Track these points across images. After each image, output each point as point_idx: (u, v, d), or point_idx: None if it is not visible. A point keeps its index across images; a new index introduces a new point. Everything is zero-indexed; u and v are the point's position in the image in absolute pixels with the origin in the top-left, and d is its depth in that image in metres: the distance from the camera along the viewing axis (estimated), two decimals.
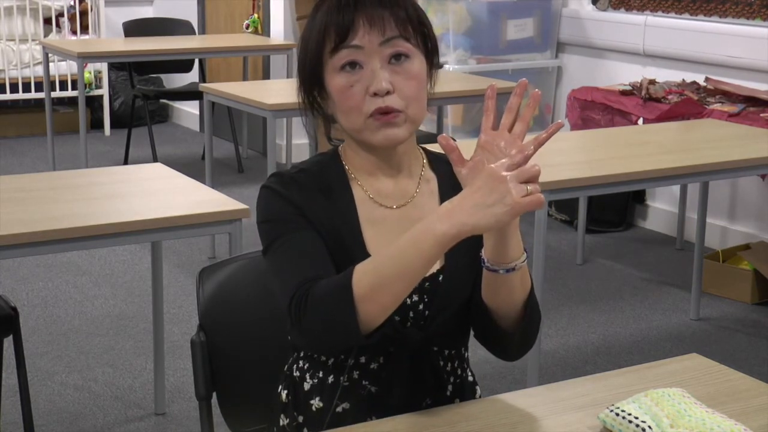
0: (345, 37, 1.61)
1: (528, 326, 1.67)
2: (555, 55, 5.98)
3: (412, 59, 1.64)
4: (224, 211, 2.75)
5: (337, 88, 1.64)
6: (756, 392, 1.70)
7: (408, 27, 1.64)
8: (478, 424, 1.56)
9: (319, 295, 1.54)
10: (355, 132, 1.66)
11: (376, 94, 1.61)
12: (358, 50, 1.61)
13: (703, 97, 4.78)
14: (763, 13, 4.94)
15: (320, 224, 1.65)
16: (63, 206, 2.74)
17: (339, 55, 1.62)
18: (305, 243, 1.62)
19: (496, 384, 3.48)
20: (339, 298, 1.52)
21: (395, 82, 1.62)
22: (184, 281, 4.50)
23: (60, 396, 3.46)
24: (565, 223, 5.47)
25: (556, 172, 3.13)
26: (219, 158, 6.59)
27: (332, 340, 1.58)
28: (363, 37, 1.61)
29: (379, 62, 1.62)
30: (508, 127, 1.56)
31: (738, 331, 4.14)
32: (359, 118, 1.64)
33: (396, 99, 1.62)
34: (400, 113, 1.63)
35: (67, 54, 5.79)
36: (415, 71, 1.64)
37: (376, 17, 1.61)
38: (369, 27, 1.61)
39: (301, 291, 1.56)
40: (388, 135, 1.64)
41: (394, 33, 1.62)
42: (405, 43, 1.63)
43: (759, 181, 4.84)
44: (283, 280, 1.60)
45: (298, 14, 6.53)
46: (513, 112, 1.56)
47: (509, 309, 1.64)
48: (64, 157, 6.46)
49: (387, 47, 1.62)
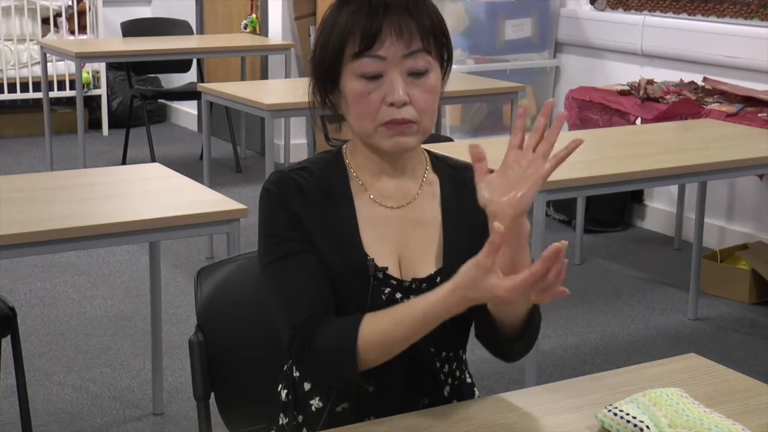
0: (370, 45, 1.60)
1: (529, 331, 1.67)
2: (553, 55, 5.98)
3: (430, 72, 1.64)
4: (222, 211, 2.75)
5: (354, 93, 1.63)
6: (754, 392, 1.70)
7: (431, 39, 1.63)
8: (476, 424, 1.57)
9: (322, 348, 1.59)
10: (365, 136, 1.66)
11: (392, 105, 1.61)
12: (381, 61, 1.60)
13: (701, 97, 4.79)
14: (761, 12, 4.94)
15: (318, 227, 1.65)
16: (61, 206, 2.74)
17: (361, 62, 1.61)
18: (305, 271, 1.63)
19: (494, 384, 3.48)
20: (342, 355, 1.58)
21: (412, 93, 1.62)
22: (182, 281, 4.49)
23: (58, 396, 3.46)
24: (563, 223, 5.47)
25: (555, 172, 3.12)
26: (217, 158, 6.59)
27: (331, 381, 1.66)
28: (389, 48, 1.60)
29: (400, 74, 1.61)
30: (533, 146, 1.56)
31: (736, 331, 4.14)
32: (371, 124, 1.64)
33: (411, 110, 1.62)
34: (413, 124, 1.63)
35: (65, 54, 5.79)
36: (432, 84, 1.64)
37: (403, 27, 1.60)
38: (395, 38, 1.60)
39: (302, 337, 1.59)
40: (399, 143, 1.64)
41: (418, 46, 1.61)
42: (427, 56, 1.63)
43: (757, 181, 4.85)
44: (284, 314, 1.64)
45: (296, 14, 6.53)
46: (539, 133, 1.56)
47: (513, 319, 1.64)
48: (62, 157, 6.45)
49: (409, 60, 1.61)
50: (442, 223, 1.71)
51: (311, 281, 1.63)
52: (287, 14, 6.61)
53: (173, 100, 7.88)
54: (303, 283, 1.63)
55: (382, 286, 1.66)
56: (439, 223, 1.71)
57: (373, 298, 1.64)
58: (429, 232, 1.70)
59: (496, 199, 1.51)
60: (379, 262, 1.66)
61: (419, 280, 1.67)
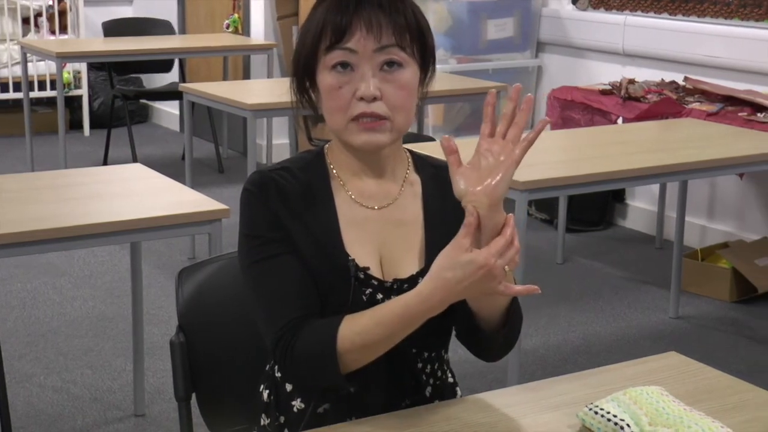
0: (341, 38, 1.61)
1: (510, 330, 1.67)
2: (535, 54, 5.99)
3: (404, 68, 1.64)
4: (204, 211, 2.74)
5: (326, 87, 1.64)
6: (733, 390, 1.71)
7: (405, 35, 1.63)
8: (458, 424, 1.57)
9: (304, 351, 1.59)
10: (338, 132, 1.67)
11: (362, 99, 1.62)
12: (351, 53, 1.62)
13: (682, 97, 4.81)
14: (741, 12, 4.97)
15: (298, 227, 1.65)
16: (42, 207, 2.73)
17: (332, 55, 1.62)
18: (287, 272, 1.63)
19: (476, 383, 3.48)
20: (323, 359, 1.57)
21: (384, 89, 1.62)
22: (164, 282, 4.48)
23: (38, 398, 3.44)
24: (545, 223, 5.48)
25: (536, 171, 3.13)
26: (199, 158, 6.57)
27: (315, 385, 1.66)
28: (359, 41, 1.61)
29: (371, 68, 1.62)
30: (503, 133, 1.55)
31: (716, 329, 4.16)
32: (343, 119, 1.64)
33: (382, 106, 1.62)
34: (385, 121, 1.63)
35: (46, 54, 5.76)
36: (406, 81, 1.64)
37: (374, 22, 1.61)
38: (366, 32, 1.61)
39: (285, 339, 1.60)
40: (370, 140, 1.64)
41: (390, 41, 1.62)
42: (400, 52, 1.63)
43: (737, 180, 4.87)
44: (267, 317, 1.64)
45: (278, 14, 6.52)
46: (508, 119, 1.55)
47: (492, 313, 1.64)
48: (42, 157, 6.42)
49: (381, 54, 1.62)
50: (424, 223, 1.71)
51: (293, 283, 1.63)
52: (269, 14, 6.60)
53: (155, 100, 7.86)
54: (285, 286, 1.63)
55: (364, 286, 1.65)
56: (420, 224, 1.71)
57: (355, 298, 1.64)
58: (411, 233, 1.70)
59: (471, 189, 1.51)
60: (361, 263, 1.66)
61: (401, 281, 1.67)
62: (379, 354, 1.59)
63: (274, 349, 1.62)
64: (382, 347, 1.59)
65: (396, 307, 1.55)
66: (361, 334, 1.56)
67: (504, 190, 1.52)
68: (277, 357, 1.62)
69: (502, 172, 1.51)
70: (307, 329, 1.60)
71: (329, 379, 1.59)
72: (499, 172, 1.51)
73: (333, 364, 1.57)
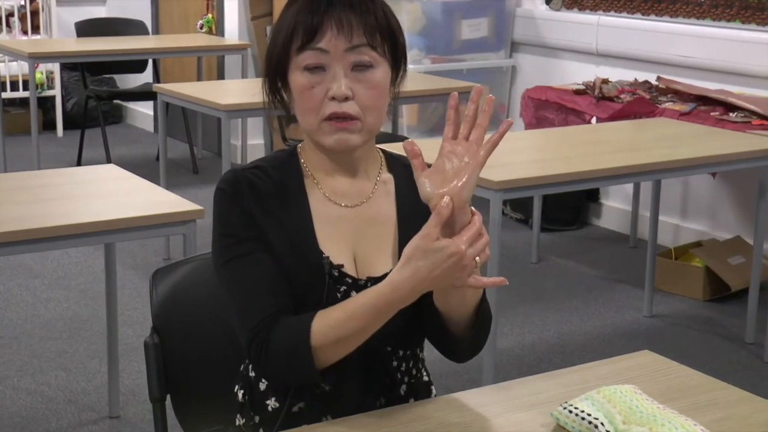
0: (312, 39, 1.62)
1: (478, 332, 1.68)
2: (509, 54, 6.01)
3: (375, 68, 1.64)
4: (178, 212, 2.74)
5: (298, 87, 1.64)
6: (706, 388, 1.72)
7: (376, 35, 1.64)
8: (432, 423, 1.57)
9: (278, 347, 1.59)
10: (310, 132, 1.67)
11: (334, 99, 1.62)
12: (323, 53, 1.62)
13: (655, 96, 4.84)
14: (713, 13, 5.00)
15: (272, 225, 1.65)
16: (15, 208, 2.71)
17: (304, 55, 1.63)
18: (261, 270, 1.63)
19: (451, 383, 3.49)
20: (297, 355, 1.58)
21: (356, 89, 1.63)
22: (138, 283, 4.46)
23: (12, 400, 3.42)
24: (519, 222, 5.50)
25: (511, 171, 3.14)
26: (173, 159, 6.55)
27: (290, 382, 1.67)
28: (329, 41, 1.61)
29: (342, 68, 1.62)
30: (466, 135, 1.56)
31: (690, 328, 4.18)
32: (315, 119, 1.64)
33: (353, 106, 1.63)
34: (356, 121, 1.64)
35: (18, 54, 5.73)
36: (377, 80, 1.65)
37: (344, 22, 1.61)
38: (336, 32, 1.61)
39: (260, 337, 1.60)
40: (341, 140, 1.65)
41: (361, 41, 1.62)
42: (371, 52, 1.63)
43: (710, 179, 4.91)
44: (241, 316, 1.63)
45: (252, 14, 6.51)
46: (471, 121, 1.56)
47: (461, 313, 1.65)
48: (15, 158, 6.38)
49: (352, 54, 1.62)
50: (398, 221, 1.72)
51: (267, 281, 1.63)
52: (243, 14, 6.58)
53: (129, 100, 7.82)
54: (259, 283, 1.63)
55: (338, 284, 1.66)
56: (394, 222, 1.72)
57: (329, 296, 1.64)
58: (384, 231, 1.71)
59: (438, 192, 1.51)
60: (335, 260, 1.66)
61: (375, 279, 1.67)
62: (352, 348, 1.60)
63: (248, 346, 1.61)
64: (356, 340, 1.59)
65: (368, 299, 1.56)
66: (334, 328, 1.57)
67: (470, 191, 1.52)
68: (252, 354, 1.62)
69: (467, 174, 1.52)
70: (281, 325, 1.60)
71: (304, 374, 1.59)
72: (464, 174, 1.52)
73: (308, 360, 1.57)
